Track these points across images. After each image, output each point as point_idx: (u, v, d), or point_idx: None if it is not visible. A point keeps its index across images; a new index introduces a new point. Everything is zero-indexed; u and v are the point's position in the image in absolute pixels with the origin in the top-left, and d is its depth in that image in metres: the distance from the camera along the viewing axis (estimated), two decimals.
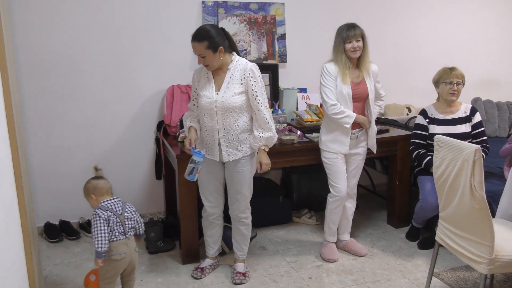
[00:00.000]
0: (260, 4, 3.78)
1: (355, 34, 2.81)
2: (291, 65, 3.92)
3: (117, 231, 2.30)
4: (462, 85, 3.13)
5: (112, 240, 2.28)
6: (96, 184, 2.35)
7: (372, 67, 2.94)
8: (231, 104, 2.53)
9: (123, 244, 2.31)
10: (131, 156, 3.65)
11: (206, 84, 2.60)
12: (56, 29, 3.32)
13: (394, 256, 3.12)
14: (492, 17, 4.69)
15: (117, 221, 2.30)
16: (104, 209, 2.30)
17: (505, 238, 2.25)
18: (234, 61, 2.59)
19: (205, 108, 2.57)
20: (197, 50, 2.48)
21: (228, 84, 2.56)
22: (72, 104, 3.44)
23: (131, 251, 2.36)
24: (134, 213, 2.42)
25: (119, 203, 2.37)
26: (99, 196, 2.35)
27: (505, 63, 4.83)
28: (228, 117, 2.56)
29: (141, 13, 3.50)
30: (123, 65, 3.51)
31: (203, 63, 2.54)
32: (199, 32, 2.48)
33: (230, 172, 2.70)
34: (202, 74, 2.64)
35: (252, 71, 2.55)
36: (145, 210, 3.76)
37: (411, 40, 4.38)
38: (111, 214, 2.29)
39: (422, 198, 3.10)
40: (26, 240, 2.10)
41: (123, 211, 2.36)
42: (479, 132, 3.18)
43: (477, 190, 2.12)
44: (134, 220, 2.40)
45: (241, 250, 2.89)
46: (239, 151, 2.63)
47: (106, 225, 2.25)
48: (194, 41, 2.48)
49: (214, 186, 2.76)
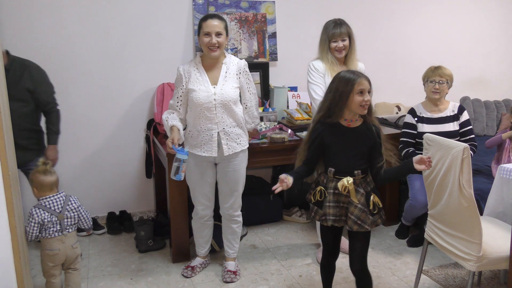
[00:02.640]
0: (250, 2, 3.77)
1: (341, 33, 2.80)
2: (282, 63, 3.92)
3: (53, 229, 2.35)
4: (446, 84, 3.16)
5: (46, 237, 2.35)
6: (42, 180, 2.36)
7: (359, 65, 2.94)
8: (230, 97, 2.55)
9: (57, 240, 2.37)
10: (121, 154, 3.62)
11: (198, 78, 2.58)
12: (45, 26, 3.28)
13: (383, 254, 3.15)
14: (482, 16, 4.74)
15: (54, 220, 2.35)
16: (41, 209, 2.33)
17: (492, 236, 2.28)
18: (227, 57, 2.63)
19: (202, 103, 2.54)
20: (217, 27, 2.50)
21: (225, 78, 2.58)
22: (61, 101, 3.39)
23: (66, 247, 2.40)
24: (76, 209, 2.43)
25: (60, 200, 2.39)
26: (41, 191, 2.37)
27: (494, 63, 4.88)
28: (227, 110, 2.57)
29: (131, 11, 3.48)
30: (113, 63, 3.49)
31: (215, 43, 2.50)
32: (216, 13, 2.57)
33: (225, 171, 2.68)
34: (192, 69, 2.60)
35: (246, 66, 2.65)
36: (135, 209, 3.74)
37: (401, 39, 4.41)
38: (47, 215, 2.33)
39: (412, 196, 3.12)
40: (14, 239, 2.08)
41: (64, 209, 2.38)
42: (467, 130, 3.21)
43: (466, 188, 2.14)
44: (74, 218, 2.42)
45: (232, 248, 2.89)
46: (237, 144, 2.64)
47: (37, 227, 2.31)
48: (214, 18, 2.53)
49: (207, 188, 2.74)
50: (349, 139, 2.13)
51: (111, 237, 3.46)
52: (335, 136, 2.13)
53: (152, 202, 3.80)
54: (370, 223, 2.11)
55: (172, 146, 2.46)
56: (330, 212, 2.13)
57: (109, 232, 3.49)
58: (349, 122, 2.13)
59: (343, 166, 2.12)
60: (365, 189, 2.13)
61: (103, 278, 2.85)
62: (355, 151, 2.13)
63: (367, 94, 2.07)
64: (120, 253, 3.19)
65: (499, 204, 2.61)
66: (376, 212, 2.14)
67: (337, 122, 2.13)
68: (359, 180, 2.12)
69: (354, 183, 2.09)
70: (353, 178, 2.09)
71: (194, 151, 2.63)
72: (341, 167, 2.13)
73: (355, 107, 2.08)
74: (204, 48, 2.55)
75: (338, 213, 2.14)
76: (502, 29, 4.86)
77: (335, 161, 2.14)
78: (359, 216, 2.10)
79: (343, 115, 2.12)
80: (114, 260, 3.09)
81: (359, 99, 2.05)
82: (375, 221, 2.15)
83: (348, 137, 2.13)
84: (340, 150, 2.13)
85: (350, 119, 2.13)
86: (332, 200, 2.13)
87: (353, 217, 2.10)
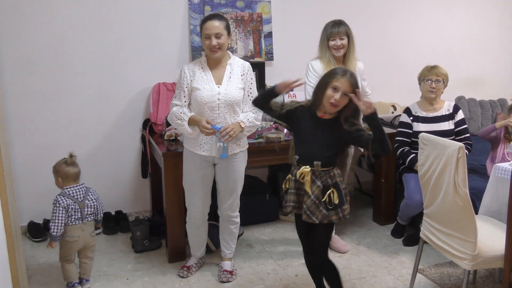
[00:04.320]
0: (246, 2, 3.77)
1: (339, 32, 2.83)
2: (278, 63, 3.92)
3: (74, 216, 2.51)
4: (442, 83, 3.18)
5: (68, 224, 2.50)
6: (68, 171, 2.55)
7: (358, 64, 2.96)
8: (234, 97, 2.55)
9: (78, 228, 2.53)
10: (117, 154, 3.62)
11: (203, 77, 2.57)
12: (41, 26, 3.27)
13: (379, 253, 3.15)
14: (477, 16, 4.76)
15: (76, 207, 2.52)
16: (66, 196, 2.51)
17: (487, 235, 2.29)
18: (232, 58, 2.63)
19: (206, 101, 2.53)
20: (217, 28, 2.48)
21: (230, 78, 2.57)
22: (57, 102, 3.40)
23: (85, 235, 2.57)
24: (95, 200, 2.61)
25: (82, 190, 2.58)
26: (65, 182, 2.55)
27: (489, 62, 4.90)
28: (230, 110, 2.56)
29: (127, 10, 3.47)
30: (109, 63, 3.48)
31: (215, 45, 2.49)
32: (216, 13, 2.56)
33: (224, 171, 2.67)
34: (197, 68, 2.60)
35: (250, 69, 2.65)
36: (131, 209, 3.73)
37: (396, 39, 4.42)
38: (71, 202, 2.50)
39: (407, 195, 3.13)
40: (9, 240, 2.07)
41: (85, 198, 2.56)
42: (462, 130, 3.23)
43: (461, 187, 2.15)
44: (94, 207, 2.60)
45: (229, 248, 2.88)
46: (237, 145, 2.64)
47: (65, 212, 2.47)
48: (214, 19, 2.50)
49: (205, 190, 2.72)
50: (317, 129, 2.15)
51: (107, 237, 3.45)
52: (307, 124, 2.17)
53: (148, 202, 3.79)
54: (320, 216, 2.09)
55: (212, 126, 2.46)
56: (290, 199, 2.17)
57: (104, 232, 3.48)
58: (322, 114, 2.15)
59: (307, 155, 2.13)
60: (324, 182, 2.11)
61: (99, 279, 2.84)
62: (320, 142, 2.13)
63: (342, 94, 2.05)
64: (116, 253, 3.18)
65: (494, 203, 2.62)
66: (332, 208, 2.11)
67: (315, 112, 2.16)
68: (319, 172, 2.11)
69: (313, 174, 2.10)
70: (312, 168, 2.10)
71: (194, 150, 2.62)
72: (305, 156, 2.14)
73: (325, 101, 2.09)
74: (206, 50, 2.56)
75: (297, 200, 2.16)
76: (497, 29, 4.89)
77: (300, 148, 2.18)
78: (309, 206, 2.10)
79: (322, 107, 2.13)
80: (110, 260, 3.08)
81: (329, 94, 2.06)
82: (328, 216, 2.11)
83: (317, 127, 2.15)
84: (307, 138, 2.16)
85: (325, 111, 2.14)
86: (293, 187, 2.17)
87: (304, 206, 2.11)
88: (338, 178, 2.15)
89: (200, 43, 3.65)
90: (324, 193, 2.10)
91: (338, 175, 2.16)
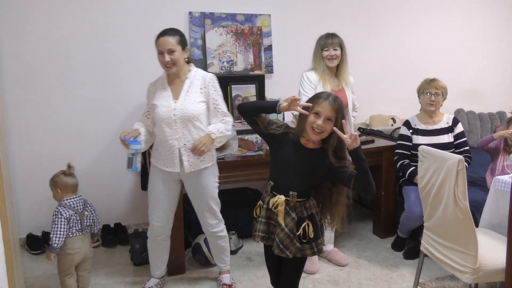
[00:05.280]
0: (246, 15, 3.81)
1: (333, 43, 2.88)
2: (278, 76, 3.94)
3: (75, 228, 2.47)
4: (441, 96, 3.20)
5: (68, 236, 2.45)
6: (66, 182, 2.51)
7: (350, 78, 3.01)
8: (190, 112, 2.48)
9: (78, 239, 2.49)
10: (117, 166, 3.61)
11: (162, 94, 2.54)
12: (41, 37, 3.29)
13: (380, 266, 3.14)
14: (476, 29, 4.80)
15: (77, 218, 2.48)
16: (67, 207, 2.46)
17: (488, 248, 2.28)
18: (192, 71, 2.58)
19: (163, 118, 2.48)
20: (169, 44, 2.43)
21: (188, 92, 2.52)
22: (57, 112, 3.41)
23: (85, 246, 2.53)
24: (93, 212, 2.59)
25: (81, 201, 2.54)
26: (65, 193, 2.51)
27: (488, 75, 4.93)
28: (188, 125, 2.50)
29: (128, 23, 3.50)
30: (109, 75, 3.50)
31: (169, 61, 2.45)
32: (170, 28, 2.50)
33: (192, 187, 2.63)
34: (158, 85, 2.58)
35: (212, 80, 2.56)
36: (130, 221, 3.71)
37: (395, 52, 4.45)
38: (73, 213, 2.46)
39: (407, 208, 3.13)
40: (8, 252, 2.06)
41: (84, 209, 2.53)
42: (462, 142, 3.24)
43: (461, 200, 2.15)
44: (92, 219, 2.57)
45: (223, 262, 2.85)
46: (200, 161, 2.56)
47: (66, 224, 2.42)
48: (166, 35, 2.45)
49: (169, 204, 2.67)
50: (297, 156, 1.98)
51: (106, 249, 3.43)
52: (288, 149, 2.00)
53: (147, 215, 3.76)
54: (294, 250, 1.96)
55: (123, 137, 2.40)
56: (260, 228, 2.02)
57: (103, 244, 3.46)
58: (306, 141, 1.99)
59: (282, 183, 1.99)
60: (299, 214, 1.97)
61: None
62: (298, 170, 1.97)
63: (324, 120, 1.90)
64: (115, 265, 3.16)
65: (495, 216, 2.61)
66: (306, 241, 1.97)
67: (297, 138, 2.00)
68: (294, 203, 1.97)
69: (287, 204, 1.96)
70: (287, 198, 1.96)
71: (158, 165, 2.58)
72: (280, 183, 2.00)
73: (307, 127, 1.94)
74: (161, 66, 2.53)
75: (267, 230, 2.02)
76: (496, 42, 4.92)
77: (276, 175, 2.03)
78: (283, 240, 1.95)
79: (305, 133, 1.97)
80: (109, 273, 3.06)
81: (311, 120, 1.91)
82: (302, 250, 1.97)
83: (297, 154, 1.98)
84: (285, 165, 2.00)
85: (308, 139, 1.98)
86: (264, 215, 2.02)
87: (277, 239, 1.96)
88: (314, 209, 2.02)
89: (200, 56, 3.67)
90: (298, 226, 1.96)
91: (313, 206, 2.02)
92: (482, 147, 3.15)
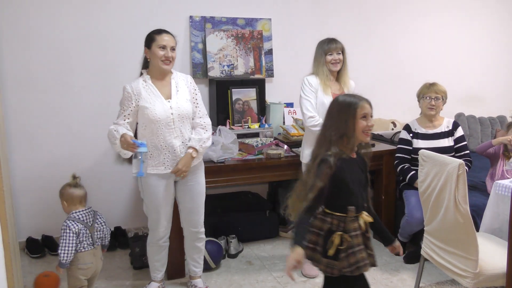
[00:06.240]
0: (247, 19, 3.82)
1: (336, 47, 2.88)
2: (278, 79, 3.95)
3: (86, 242, 2.37)
4: (441, 100, 3.20)
5: (80, 251, 2.35)
6: (72, 193, 2.40)
7: (350, 82, 3.01)
8: (186, 110, 2.54)
9: (90, 254, 2.39)
10: (117, 170, 3.61)
11: (150, 95, 2.51)
12: (42, 42, 3.30)
13: (380, 271, 3.13)
14: (476, 33, 4.80)
15: (87, 232, 2.37)
16: (76, 221, 2.35)
17: (489, 252, 2.28)
18: (173, 72, 2.64)
19: (160, 118, 2.46)
20: (172, 42, 2.53)
21: (178, 91, 2.56)
22: (58, 116, 3.41)
23: (97, 260, 2.44)
24: (103, 224, 2.50)
25: (90, 214, 2.44)
26: (71, 205, 2.41)
27: (488, 79, 4.93)
28: (184, 123, 2.54)
29: (129, 27, 3.51)
30: (110, 79, 3.50)
31: (169, 57, 2.50)
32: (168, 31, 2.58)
33: (187, 185, 2.63)
34: (140, 87, 2.53)
35: (192, 81, 2.67)
36: (130, 225, 3.71)
37: (396, 56, 4.45)
38: (82, 227, 2.35)
39: (408, 212, 3.12)
40: (7, 256, 2.06)
41: (94, 222, 2.43)
42: (462, 146, 3.24)
43: (461, 204, 2.14)
44: (102, 231, 2.48)
45: (199, 266, 2.84)
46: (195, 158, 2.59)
47: (75, 238, 2.31)
48: (169, 33, 2.55)
49: (169, 208, 2.66)
50: (358, 171, 1.90)
51: (106, 253, 3.39)
52: (350, 171, 1.86)
53: (147, 218, 3.76)
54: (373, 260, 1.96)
55: (132, 140, 2.37)
56: (363, 257, 1.85)
57: None
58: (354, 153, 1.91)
59: (360, 202, 1.87)
60: None
61: None
62: (363, 183, 1.92)
63: (371, 118, 1.87)
64: (115, 269, 3.16)
65: (495, 221, 2.61)
66: None
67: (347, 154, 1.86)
68: None
69: None
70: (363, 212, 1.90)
71: (157, 171, 2.52)
72: (359, 203, 1.87)
73: (359, 134, 1.84)
74: (156, 60, 2.50)
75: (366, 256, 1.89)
76: (496, 46, 4.92)
77: (352, 198, 1.86)
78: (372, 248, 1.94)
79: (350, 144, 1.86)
80: (109, 276, 3.05)
81: (363, 124, 1.83)
82: None
83: (358, 169, 1.90)
84: (355, 186, 1.87)
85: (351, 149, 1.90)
86: (362, 242, 1.87)
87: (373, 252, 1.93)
88: None
89: (201, 60, 3.68)
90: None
91: None
92: (481, 153, 3.15)
